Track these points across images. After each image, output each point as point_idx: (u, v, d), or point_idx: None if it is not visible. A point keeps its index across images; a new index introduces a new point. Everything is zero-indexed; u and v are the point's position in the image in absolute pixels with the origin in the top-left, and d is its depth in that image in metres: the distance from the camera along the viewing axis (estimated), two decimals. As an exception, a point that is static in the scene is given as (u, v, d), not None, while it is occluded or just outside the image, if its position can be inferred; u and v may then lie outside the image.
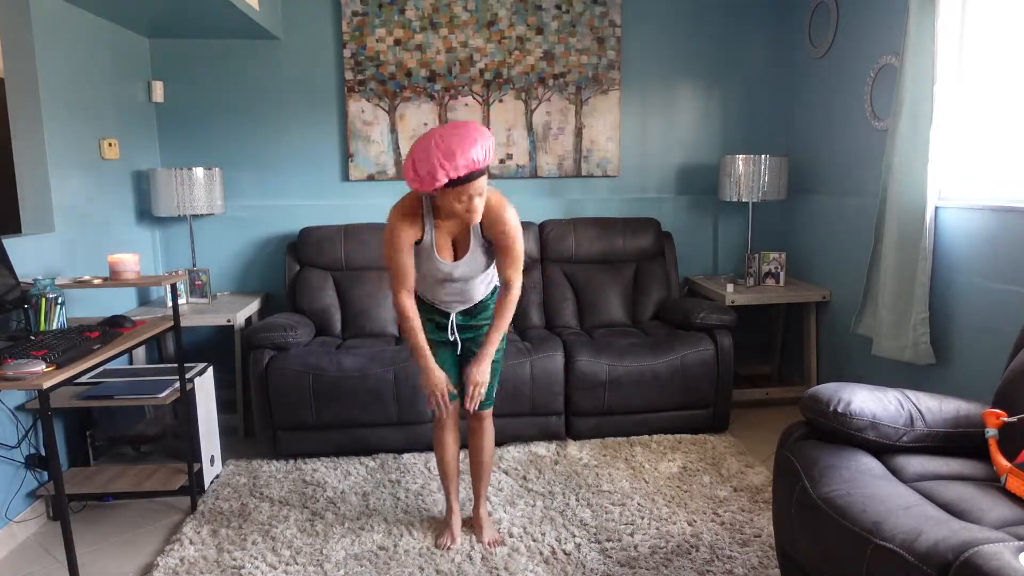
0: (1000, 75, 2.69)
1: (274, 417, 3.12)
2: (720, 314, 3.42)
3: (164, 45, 3.77)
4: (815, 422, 1.96)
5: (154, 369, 3.02)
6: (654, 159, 4.14)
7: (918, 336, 2.90)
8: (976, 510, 1.64)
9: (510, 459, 3.15)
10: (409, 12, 3.84)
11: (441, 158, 1.94)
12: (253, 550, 2.46)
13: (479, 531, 2.51)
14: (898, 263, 2.97)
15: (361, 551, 2.44)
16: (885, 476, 1.80)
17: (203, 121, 3.85)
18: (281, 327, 3.21)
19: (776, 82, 4.15)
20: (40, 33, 2.83)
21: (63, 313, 2.46)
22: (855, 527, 1.58)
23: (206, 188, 3.55)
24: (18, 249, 2.63)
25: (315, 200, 3.97)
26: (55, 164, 2.92)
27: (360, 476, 3.03)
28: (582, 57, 3.98)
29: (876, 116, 3.31)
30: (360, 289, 3.66)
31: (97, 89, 3.26)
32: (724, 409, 3.39)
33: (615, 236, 3.90)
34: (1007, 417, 1.87)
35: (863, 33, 3.42)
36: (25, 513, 2.65)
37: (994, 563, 1.29)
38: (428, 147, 1.96)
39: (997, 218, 2.62)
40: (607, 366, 3.24)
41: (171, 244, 3.90)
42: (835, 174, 3.70)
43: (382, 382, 3.11)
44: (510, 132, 3.99)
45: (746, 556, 2.37)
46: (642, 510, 2.69)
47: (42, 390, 1.91)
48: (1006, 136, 2.68)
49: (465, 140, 1.96)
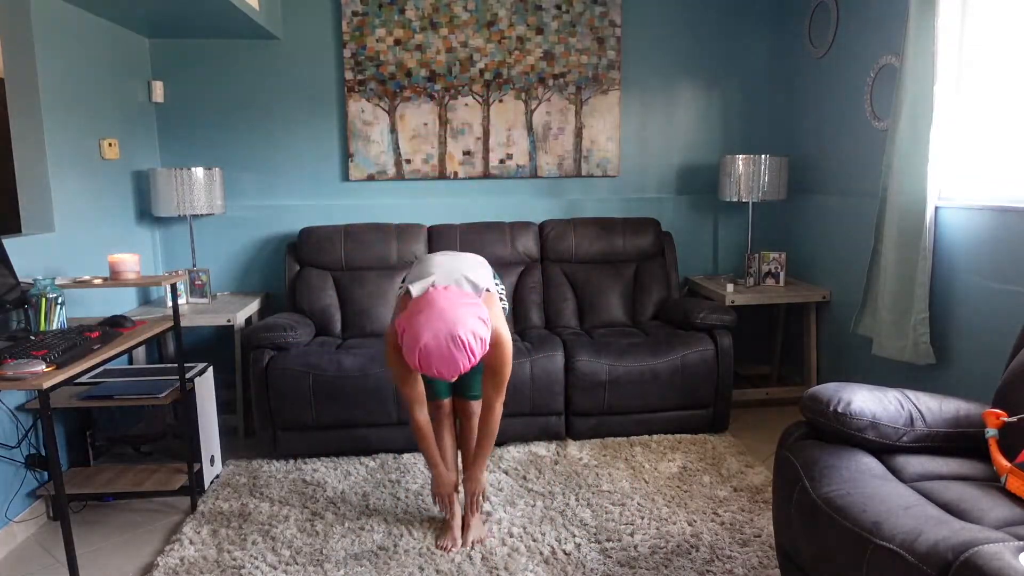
0: (1000, 75, 2.69)
1: (274, 417, 3.12)
2: (720, 314, 3.42)
3: (164, 45, 3.77)
4: (815, 422, 1.96)
5: (154, 369, 3.02)
6: (654, 159, 4.14)
7: (918, 336, 2.90)
8: (976, 510, 1.64)
9: (510, 459, 3.15)
10: (409, 12, 3.84)
11: (419, 360, 1.95)
12: (253, 550, 2.46)
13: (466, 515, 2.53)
14: (898, 263, 2.97)
15: (361, 551, 2.44)
16: (885, 476, 1.80)
17: (203, 121, 3.85)
18: (281, 327, 3.21)
19: (776, 82, 4.15)
20: (40, 33, 2.83)
21: (63, 313, 2.46)
22: (855, 527, 1.58)
23: (206, 188, 3.55)
24: (18, 249, 2.63)
25: (315, 200, 3.97)
26: (55, 164, 2.92)
27: (360, 476, 3.03)
28: (582, 57, 3.98)
29: (876, 116, 3.31)
30: (360, 289, 3.66)
31: (97, 89, 3.26)
32: (724, 409, 3.39)
33: (615, 236, 3.90)
34: (1007, 417, 1.87)
35: (863, 33, 3.42)
36: (25, 513, 2.65)
37: (994, 563, 1.29)
38: (415, 341, 1.94)
39: (997, 218, 2.62)
40: (607, 366, 3.24)
41: (171, 244, 3.90)
42: (835, 174, 3.70)
43: (382, 382, 3.11)
44: (510, 132, 3.99)
45: (746, 556, 2.37)
46: (642, 510, 2.69)
47: (42, 390, 1.91)
48: (1006, 136, 2.68)
49: (447, 363, 1.95)
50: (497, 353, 2.20)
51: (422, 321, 1.96)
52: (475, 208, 4.05)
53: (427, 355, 1.94)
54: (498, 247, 3.80)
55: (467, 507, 2.51)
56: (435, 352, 1.94)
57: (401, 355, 2.16)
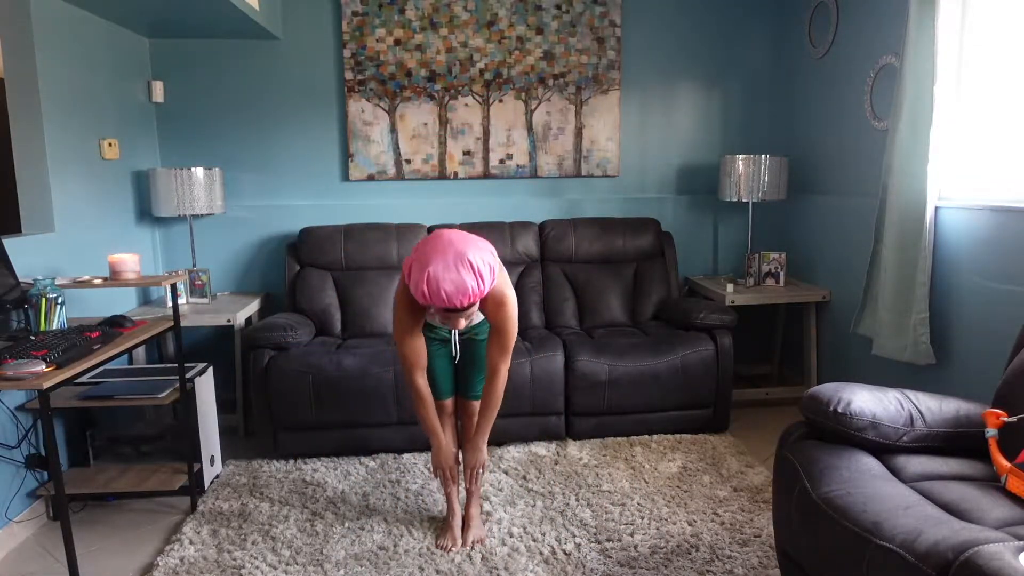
0: (1000, 75, 2.69)
1: (274, 417, 3.12)
2: (720, 314, 3.42)
3: (164, 45, 3.77)
4: (815, 422, 1.96)
5: (154, 369, 3.02)
6: (654, 159, 4.14)
7: (918, 336, 2.90)
8: (976, 510, 1.64)
9: (510, 459, 3.15)
10: (409, 12, 3.84)
11: (427, 291, 1.96)
12: (253, 550, 2.46)
13: (466, 517, 2.53)
14: (898, 263, 2.97)
15: (361, 551, 2.44)
16: (885, 476, 1.80)
17: (203, 121, 3.85)
18: (281, 327, 3.21)
19: (776, 82, 4.15)
20: (40, 33, 2.83)
21: (63, 313, 2.46)
22: (855, 527, 1.58)
23: (206, 188, 3.55)
24: (18, 249, 2.63)
25: (315, 200, 3.97)
26: (55, 164, 2.92)
27: (360, 476, 3.03)
28: (582, 57, 3.98)
29: (876, 116, 3.31)
30: (360, 289, 3.66)
31: (97, 89, 3.26)
32: (724, 409, 3.39)
33: (615, 236, 3.90)
34: (1007, 417, 1.87)
35: (863, 33, 3.42)
36: (25, 513, 2.65)
37: (994, 563, 1.29)
38: (423, 267, 1.96)
39: (997, 218, 2.62)
40: (607, 366, 3.24)
41: (171, 244, 3.90)
42: (835, 174, 3.70)
43: (382, 382, 3.11)
44: (510, 132, 3.99)
45: (746, 556, 2.37)
46: (642, 510, 2.69)
47: (42, 390, 1.91)
48: (1006, 136, 2.68)
49: (456, 285, 1.95)
50: (503, 312, 2.19)
51: (430, 251, 2.01)
52: (475, 208, 4.05)
53: (435, 278, 1.95)
54: (498, 247, 3.80)
55: (467, 481, 2.50)
56: (443, 274, 1.95)
57: (407, 303, 2.16)
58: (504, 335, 2.24)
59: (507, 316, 2.21)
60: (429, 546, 2.46)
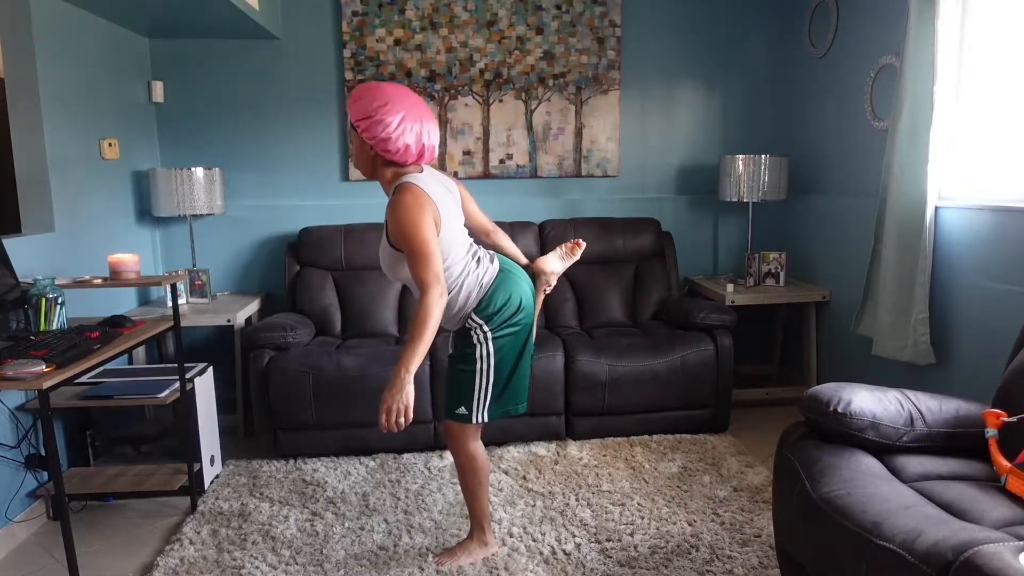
0: (1000, 75, 2.69)
1: (274, 417, 3.12)
2: (720, 314, 3.42)
3: (164, 45, 3.77)
4: (815, 422, 1.96)
5: (154, 369, 3.02)
6: (654, 159, 4.14)
7: (918, 336, 2.90)
8: (976, 510, 1.64)
9: (510, 459, 3.15)
10: (409, 12, 3.84)
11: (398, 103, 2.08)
12: (253, 550, 2.46)
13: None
14: (898, 263, 2.97)
15: (361, 551, 2.44)
16: (885, 476, 1.80)
17: (203, 121, 3.85)
18: (281, 327, 3.21)
19: (776, 82, 4.15)
20: (40, 33, 2.83)
21: (63, 313, 2.45)
22: (855, 527, 1.58)
23: (206, 188, 3.55)
24: (18, 249, 2.63)
25: (315, 200, 3.97)
26: (55, 164, 2.92)
27: (360, 476, 3.03)
28: (582, 57, 3.98)
29: (876, 116, 3.31)
30: (360, 289, 3.66)
31: (97, 89, 3.26)
32: (724, 409, 3.39)
33: (615, 236, 3.90)
34: (1007, 417, 1.87)
35: (863, 33, 3.42)
36: (25, 513, 2.65)
37: (994, 563, 1.29)
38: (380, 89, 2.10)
39: (997, 218, 2.62)
40: (607, 366, 3.24)
41: (171, 244, 3.90)
42: (835, 174, 3.70)
43: (382, 382, 3.08)
44: (510, 132, 3.99)
45: (746, 556, 2.37)
46: (642, 510, 2.69)
47: (42, 390, 1.91)
48: (1006, 136, 2.68)
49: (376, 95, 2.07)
50: (391, 217, 2.04)
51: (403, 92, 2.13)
52: (475, 208, 4.04)
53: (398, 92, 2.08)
54: (498, 247, 3.80)
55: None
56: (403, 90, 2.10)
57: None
58: (405, 246, 2.03)
59: (396, 216, 2.02)
60: (429, 546, 2.46)
